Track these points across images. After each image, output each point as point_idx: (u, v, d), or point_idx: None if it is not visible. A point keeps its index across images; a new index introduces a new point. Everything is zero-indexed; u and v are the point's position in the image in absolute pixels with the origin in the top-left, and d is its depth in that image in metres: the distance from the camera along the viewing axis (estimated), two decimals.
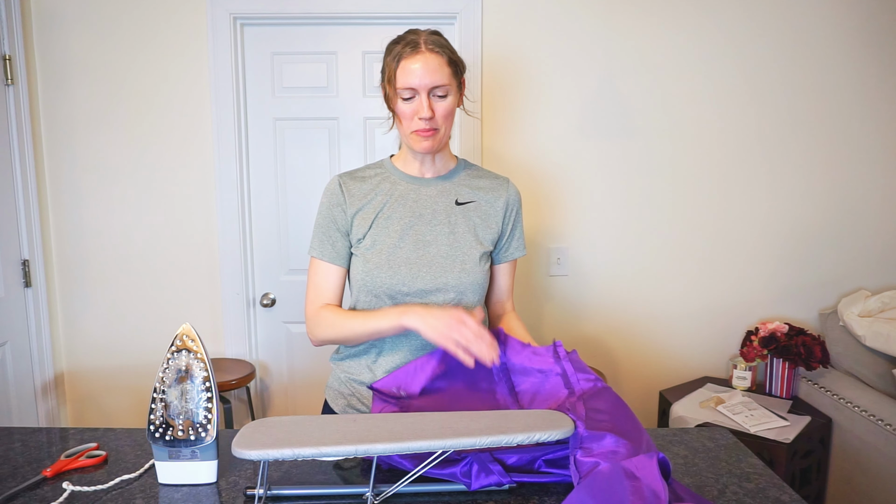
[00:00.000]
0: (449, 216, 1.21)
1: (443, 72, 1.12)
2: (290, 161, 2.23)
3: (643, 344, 2.34)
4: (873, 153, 2.26)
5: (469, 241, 1.21)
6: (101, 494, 0.92)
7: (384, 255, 1.17)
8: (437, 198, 1.23)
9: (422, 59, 1.11)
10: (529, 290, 2.29)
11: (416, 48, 1.12)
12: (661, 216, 2.27)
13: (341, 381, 1.26)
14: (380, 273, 1.17)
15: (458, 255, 1.19)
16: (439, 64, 1.12)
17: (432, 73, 1.11)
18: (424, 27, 1.23)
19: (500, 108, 2.19)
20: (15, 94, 2.02)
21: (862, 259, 2.31)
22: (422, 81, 1.11)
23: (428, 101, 1.13)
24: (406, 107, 1.15)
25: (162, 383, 0.93)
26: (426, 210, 1.21)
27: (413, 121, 1.15)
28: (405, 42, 1.13)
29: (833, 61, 2.21)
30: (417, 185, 1.24)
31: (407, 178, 1.24)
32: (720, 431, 1.14)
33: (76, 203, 2.18)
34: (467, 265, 1.19)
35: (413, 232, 1.19)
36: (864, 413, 1.91)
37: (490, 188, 1.27)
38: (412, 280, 1.16)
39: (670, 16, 2.17)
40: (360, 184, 1.23)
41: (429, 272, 1.17)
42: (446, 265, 1.18)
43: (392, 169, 1.26)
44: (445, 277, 1.17)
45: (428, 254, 1.18)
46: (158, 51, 2.12)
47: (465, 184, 1.26)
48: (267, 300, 2.26)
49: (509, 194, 1.27)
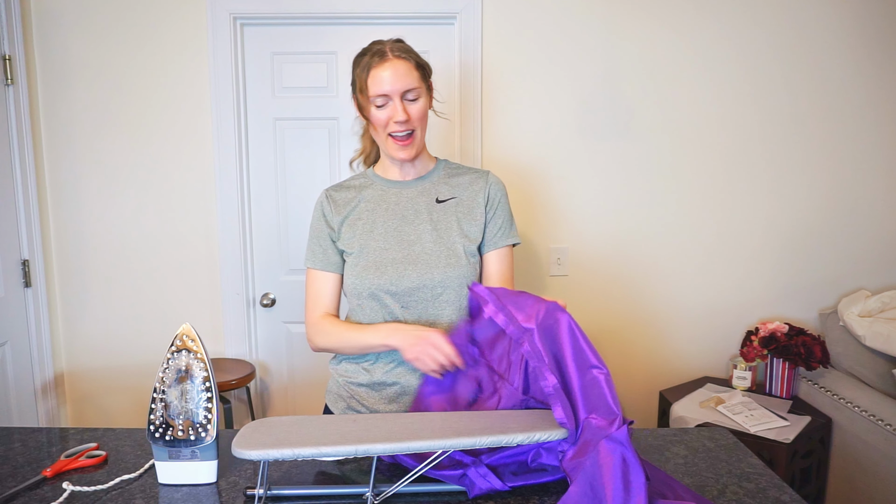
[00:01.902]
0: (431, 214, 1.25)
1: (412, 76, 1.18)
2: (290, 161, 2.22)
3: (643, 344, 2.34)
4: (873, 153, 2.26)
5: (453, 236, 1.23)
6: (100, 494, 0.92)
7: (371, 259, 1.21)
8: (417, 198, 1.27)
9: (391, 65, 1.17)
10: (529, 290, 2.29)
11: (384, 56, 1.17)
12: (661, 216, 2.27)
13: (340, 385, 1.29)
14: (368, 275, 1.20)
15: (442, 250, 1.21)
16: (407, 69, 1.18)
17: (403, 78, 1.17)
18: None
19: (499, 107, 2.19)
20: (15, 94, 2.02)
21: (862, 259, 2.31)
22: (393, 87, 1.16)
23: (402, 104, 1.18)
24: (380, 113, 1.19)
25: (162, 383, 0.93)
26: (408, 211, 1.25)
27: (389, 125, 1.19)
28: (372, 52, 1.19)
29: (831, 61, 2.21)
30: (398, 188, 1.28)
31: (388, 182, 1.29)
32: (720, 431, 1.14)
33: (76, 203, 2.18)
34: (452, 259, 1.21)
35: (397, 233, 1.23)
36: (864, 413, 1.91)
37: (469, 183, 1.29)
38: (399, 279, 1.19)
39: (670, 16, 2.17)
40: (345, 193, 1.30)
41: (415, 270, 1.20)
42: (431, 261, 1.20)
43: (374, 177, 1.31)
44: (431, 273, 1.19)
45: (413, 252, 1.21)
46: (158, 51, 2.12)
47: (445, 182, 1.29)
48: (267, 300, 2.26)
49: (489, 185, 1.29)
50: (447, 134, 2.20)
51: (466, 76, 2.15)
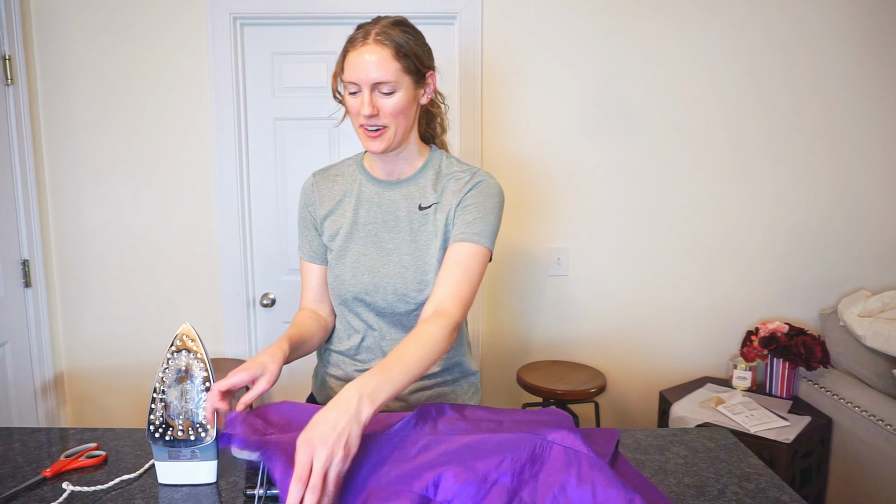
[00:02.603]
0: (411, 223, 1.15)
1: (387, 67, 1.03)
2: (290, 161, 2.22)
3: (643, 344, 2.34)
4: (874, 153, 2.26)
5: (431, 247, 1.14)
6: (100, 494, 0.92)
7: (349, 264, 1.16)
8: (400, 203, 1.17)
9: (366, 51, 1.03)
10: (529, 290, 2.29)
11: (365, 38, 1.04)
12: (662, 216, 2.27)
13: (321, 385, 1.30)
14: (345, 280, 1.16)
15: (419, 264, 1.13)
16: (382, 58, 1.03)
17: (375, 68, 1.02)
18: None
19: (499, 107, 2.19)
20: (15, 94, 2.02)
21: (862, 259, 2.31)
22: (361, 76, 1.03)
23: (370, 96, 1.04)
24: (352, 101, 1.07)
25: (162, 383, 0.93)
26: (389, 216, 1.16)
27: (358, 116, 1.07)
28: (361, 30, 1.07)
29: (834, 63, 2.20)
30: (382, 188, 1.18)
31: (373, 180, 1.19)
32: (720, 431, 1.14)
33: (76, 203, 2.18)
34: (428, 275, 1.13)
35: (377, 239, 1.16)
36: (865, 413, 1.91)
37: (455, 182, 1.16)
38: (374, 290, 1.15)
39: (672, 15, 2.17)
40: (331, 185, 1.21)
41: (390, 283, 1.14)
42: (406, 275, 1.13)
43: (361, 170, 1.21)
44: (406, 289, 1.13)
45: (390, 262, 1.14)
46: (158, 51, 2.12)
47: (431, 184, 1.17)
48: (267, 300, 2.26)
49: (473, 181, 1.14)
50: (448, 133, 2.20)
51: (466, 76, 2.15)
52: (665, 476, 0.97)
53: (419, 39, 1.09)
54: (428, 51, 1.11)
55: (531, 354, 2.33)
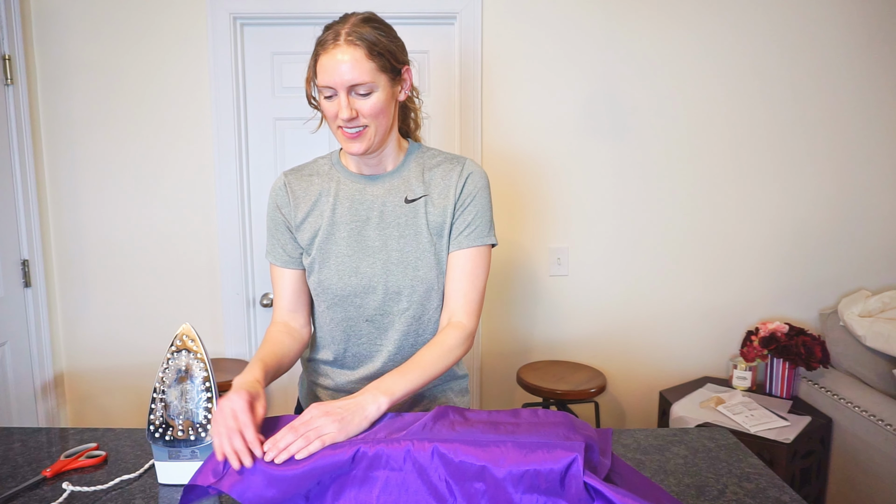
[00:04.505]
0: (398, 217, 1.11)
1: (361, 67, 0.98)
2: (290, 161, 2.22)
3: (643, 344, 2.34)
4: (874, 153, 2.26)
5: (422, 241, 1.10)
6: (100, 494, 0.92)
7: (332, 267, 1.11)
8: (384, 197, 1.12)
9: (338, 52, 0.98)
10: (529, 290, 2.29)
11: (336, 39, 0.99)
12: (662, 216, 2.27)
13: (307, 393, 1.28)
14: (330, 286, 1.11)
15: (410, 259, 1.10)
16: (356, 58, 0.98)
17: (350, 70, 0.98)
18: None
19: (499, 107, 2.19)
20: (15, 94, 2.02)
21: (862, 259, 2.31)
22: (336, 79, 0.99)
23: (347, 99, 1.01)
24: (328, 105, 1.03)
25: (162, 383, 0.93)
26: (373, 213, 1.11)
27: (336, 120, 1.03)
28: (330, 31, 1.01)
29: (833, 63, 2.20)
30: (363, 183, 1.13)
31: (352, 176, 1.14)
32: (720, 431, 1.14)
33: (76, 203, 2.18)
34: (420, 270, 1.10)
35: (361, 237, 1.11)
36: (864, 413, 1.91)
37: (443, 175, 1.13)
38: (363, 291, 1.11)
39: (672, 16, 2.16)
40: (307, 185, 1.15)
41: (381, 281, 1.10)
42: (397, 272, 1.10)
43: (339, 166, 1.16)
44: (398, 286, 1.10)
45: (378, 261, 1.10)
46: (158, 51, 2.12)
47: (416, 177, 1.13)
48: (267, 300, 2.26)
49: (464, 174, 1.12)
50: (448, 134, 2.20)
51: (466, 76, 2.15)
52: (665, 476, 0.97)
53: (391, 35, 1.05)
54: (401, 46, 1.07)
55: (531, 354, 2.33)
